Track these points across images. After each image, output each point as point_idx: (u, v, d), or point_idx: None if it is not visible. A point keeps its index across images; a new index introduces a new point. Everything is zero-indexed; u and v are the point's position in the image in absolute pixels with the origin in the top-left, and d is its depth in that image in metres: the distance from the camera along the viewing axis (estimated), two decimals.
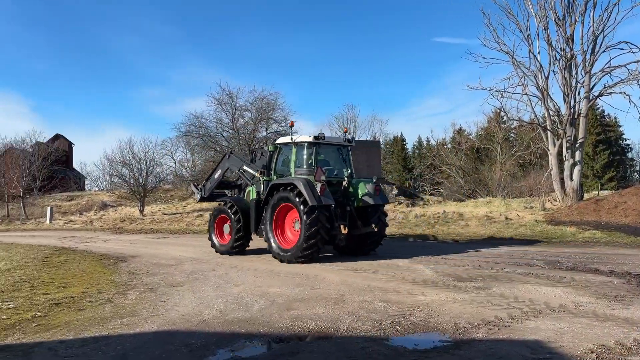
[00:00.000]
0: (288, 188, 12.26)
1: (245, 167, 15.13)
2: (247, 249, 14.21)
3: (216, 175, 16.37)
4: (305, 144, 13.09)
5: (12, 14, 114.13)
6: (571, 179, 22.44)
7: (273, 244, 12.54)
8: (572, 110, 22.50)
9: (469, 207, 23.47)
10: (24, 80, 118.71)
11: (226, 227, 14.19)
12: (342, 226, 12.51)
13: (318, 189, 11.80)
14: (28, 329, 6.68)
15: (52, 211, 33.97)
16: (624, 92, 21.52)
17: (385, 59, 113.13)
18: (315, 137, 13.01)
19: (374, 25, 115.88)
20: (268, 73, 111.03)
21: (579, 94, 22.75)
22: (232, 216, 13.79)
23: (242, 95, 33.53)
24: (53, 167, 43.43)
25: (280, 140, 14.06)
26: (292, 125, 14.95)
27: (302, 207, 11.75)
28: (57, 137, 61.42)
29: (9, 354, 5.65)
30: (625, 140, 59.19)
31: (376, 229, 12.88)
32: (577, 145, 22.64)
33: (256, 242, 14.33)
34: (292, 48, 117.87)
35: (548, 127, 23.43)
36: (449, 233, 17.83)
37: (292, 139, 13.34)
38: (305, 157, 13.05)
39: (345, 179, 13.27)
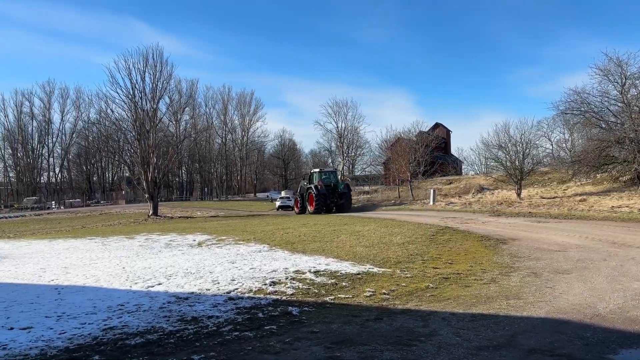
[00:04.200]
0: (310, 188, 34.34)
1: (304, 182, 37.32)
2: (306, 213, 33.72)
3: (299, 190, 38.92)
4: (318, 171, 36.40)
5: (397, 21, 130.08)
6: None
7: (308, 208, 34.11)
8: None
9: None
10: (409, 78, 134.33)
11: (299, 204, 36.35)
12: (331, 203, 34.07)
13: (320, 188, 33.43)
14: (423, 298, 7.41)
15: (435, 193, 37.10)
16: None
17: None
18: (320, 169, 37.71)
19: None
20: None
21: None
22: (299, 199, 36.40)
23: (635, 61, 28.58)
24: (434, 154, 47.48)
25: (312, 170, 38.36)
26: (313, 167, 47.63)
27: (314, 195, 33.32)
28: (437, 125, 66.84)
29: (410, 317, 6.37)
30: None
31: (343, 201, 34.49)
32: None
33: None
34: None
35: None
36: None
37: (313, 170, 37.90)
38: (317, 176, 35.21)
39: (333, 183, 34.83)
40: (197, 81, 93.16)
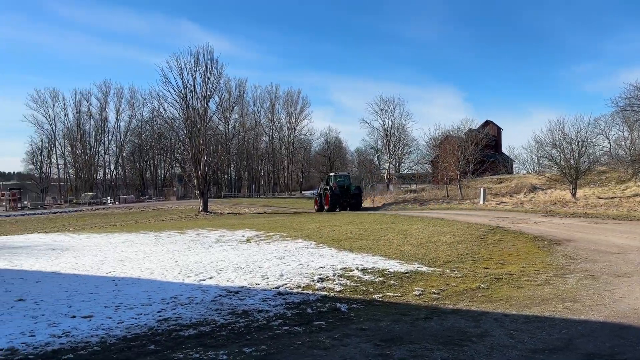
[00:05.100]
0: (326, 188, 38.35)
1: (322, 184, 42.16)
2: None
3: (317, 190, 45.16)
4: (333, 175, 41.66)
5: (446, 16, 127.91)
6: None
7: (324, 207, 37.53)
8: None
9: None
10: (458, 75, 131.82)
11: (317, 202, 39.80)
12: (343, 202, 37.63)
13: (334, 189, 37.44)
14: (474, 298, 7.26)
15: (485, 192, 36.20)
16: None
17: None
18: (335, 173, 43.84)
19: None
20: None
21: None
22: (318, 199, 39.97)
23: None
24: (484, 152, 46.25)
25: (329, 174, 44.29)
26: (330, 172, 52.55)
27: (329, 195, 37.18)
28: (487, 123, 65.19)
29: (461, 317, 6.26)
30: None
31: (354, 201, 38.09)
32: None
33: None
34: None
35: None
36: None
37: (329, 174, 43.71)
38: (333, 178, 40.08)
39: (346, 185, 39.04)
40: (245, 80, 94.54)
